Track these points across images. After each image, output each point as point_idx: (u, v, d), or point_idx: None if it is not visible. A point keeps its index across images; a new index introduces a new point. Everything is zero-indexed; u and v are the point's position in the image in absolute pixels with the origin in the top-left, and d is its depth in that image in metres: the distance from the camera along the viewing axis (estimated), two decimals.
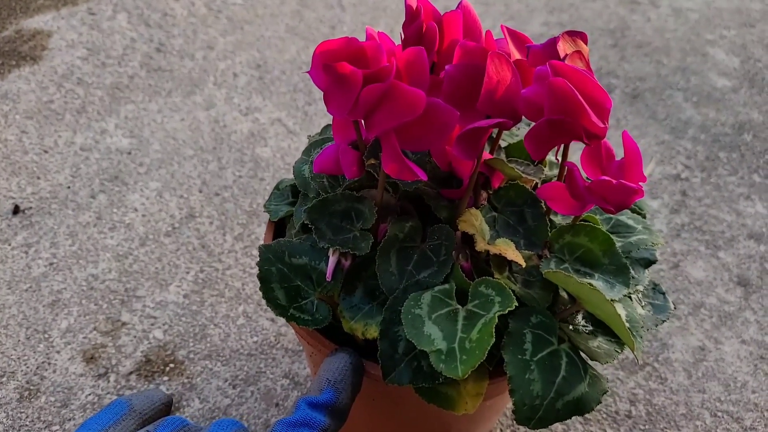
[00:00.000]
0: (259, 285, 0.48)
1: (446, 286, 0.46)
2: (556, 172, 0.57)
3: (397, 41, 0.49)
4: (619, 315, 0.42)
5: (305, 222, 0.49)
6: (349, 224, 0.49)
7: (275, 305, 0.48)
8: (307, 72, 0.44)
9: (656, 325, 0.51)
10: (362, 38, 1.30)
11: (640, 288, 0.53)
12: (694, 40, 1.38)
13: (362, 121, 0.46)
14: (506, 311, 0.42)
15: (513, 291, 0.46)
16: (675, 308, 0.51)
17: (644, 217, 0.56)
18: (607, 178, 0.42)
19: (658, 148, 1.11)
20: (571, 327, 0.49)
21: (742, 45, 1.38)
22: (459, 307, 0.45)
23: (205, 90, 1.16)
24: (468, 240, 0.48)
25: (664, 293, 0.54)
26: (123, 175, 0.99)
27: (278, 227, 0.60)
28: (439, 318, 0.43)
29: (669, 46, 1.36)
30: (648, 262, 0.53)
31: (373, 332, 0.47)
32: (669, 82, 1.26)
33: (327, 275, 0.48)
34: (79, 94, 1.12)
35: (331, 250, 0.48)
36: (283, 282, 0.49)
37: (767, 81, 1.28)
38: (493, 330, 0.41)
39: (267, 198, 0.62)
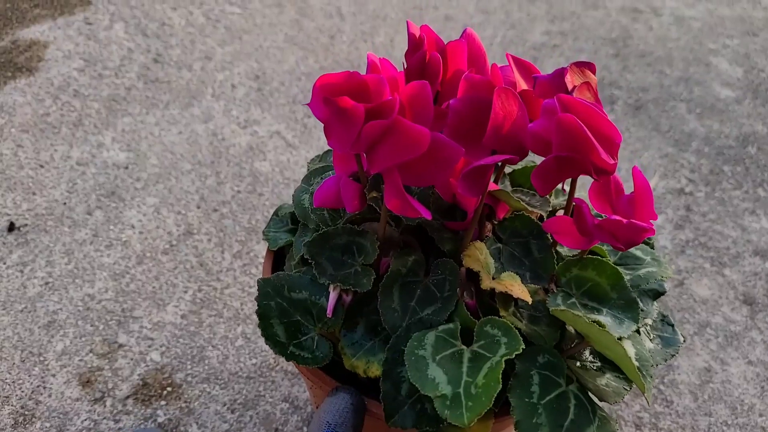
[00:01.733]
0: (258, 321, 0.47)
1: (450, 325, 0.44)
2: (561, 200, 0.55)
3: (397, 51, 0.47)
4: (629, 357, 0.41)
5: (305, 257, 0.48)
6: (350, 259, 0.48)
7: (274, 343, 0.47)
8: (307, 104, 0.43)
9: (665, 360, 0.50)
10: (362, 48, 1.29)
11: (649, 321, 0.51)
12: (697, 50, 1.37)
13: (364, 154, 0.45)
14: (513, 355, 0.40)
15: (519, 329, 0.44)
16: (684, 341, 0.50)
17: (652, 247, 0.55)
18: (617, 217, 0.41)
19: (661, 161, 1.10)
20: (578, 363, 0.48)
21: (745, 54, 1.36)
22: (464, 347, 0.43)
23: (203, 102, 1.15)
24: (473, 276, 0.47)
25: (672, 325, 0.53)
26: (120, 190, 0.98)
27: (277, 253, 0.58)
28: (444, 359, 0.42)
29: (671, 56, 1.35)
30: (657, 294, 0.52)
31: (375, 370, 0.46)
32: (672, 93, 1.25)
33: (328, 311, 0.47)
34: (76, 107, 1.11)
35: (331, 286, 0.47)
36: (282, 317, 0.48)
37: None
38: (500, 375, 0.39)
39: (266, 224, 0.60)
